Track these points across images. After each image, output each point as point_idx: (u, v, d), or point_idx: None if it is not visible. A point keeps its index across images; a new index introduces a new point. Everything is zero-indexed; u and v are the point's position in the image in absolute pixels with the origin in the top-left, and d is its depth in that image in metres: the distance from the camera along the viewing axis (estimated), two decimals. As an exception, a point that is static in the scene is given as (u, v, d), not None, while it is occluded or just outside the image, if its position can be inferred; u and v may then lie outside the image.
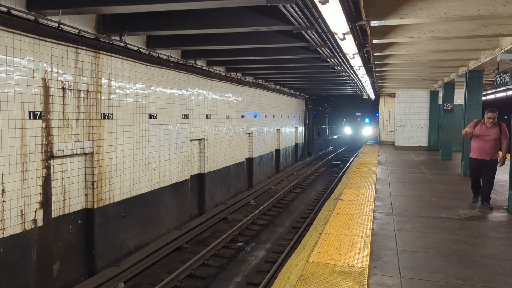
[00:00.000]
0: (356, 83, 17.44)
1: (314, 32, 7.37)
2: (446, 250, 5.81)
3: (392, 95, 25.53)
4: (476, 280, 4.79)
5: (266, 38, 9.11)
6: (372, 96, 24.63)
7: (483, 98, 22.90)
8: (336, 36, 6.43)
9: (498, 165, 8.40)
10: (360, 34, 7.53)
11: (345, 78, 15.93)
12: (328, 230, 6.66)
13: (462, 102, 13.99)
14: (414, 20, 6.96)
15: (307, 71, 15.22)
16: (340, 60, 10.19)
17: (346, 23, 5.68)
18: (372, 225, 7.02)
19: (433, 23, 7.92)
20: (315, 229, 6.77)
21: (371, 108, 38.28)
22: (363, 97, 23.39)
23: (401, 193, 10.02)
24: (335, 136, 48.58)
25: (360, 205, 8.52)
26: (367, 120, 47.09)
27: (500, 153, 8.38)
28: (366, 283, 4.64)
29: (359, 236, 6.38)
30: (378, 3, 6.73)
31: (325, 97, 36.51)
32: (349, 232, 6.56)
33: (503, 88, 15.78)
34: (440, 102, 20.73)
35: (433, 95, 22.02)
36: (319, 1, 4.49)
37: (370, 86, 17.81)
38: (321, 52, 9.50)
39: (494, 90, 21.07)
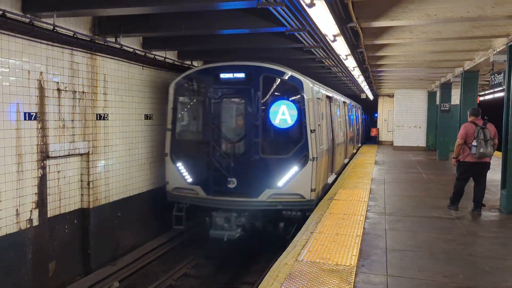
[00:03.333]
0: (354, 84, 17.53)
1: (306, 34, 7.45)
2: (435, 249, 5.89)
3: (391, 96, 25.61)
4: (461, 278, 4.87)
5: (262, 40, 9.21)
6: (371, 97, 24.70)
7: (482, 98, 23.04)
8: (327, 38, 6.51)
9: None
10: (352, 36, 7.61)
11: (342, 79, 16.03)
12: (320, 230, 6.74)
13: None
14: (404, 22, 7.06)
15: (305, 72, 15.29)
16: (335, 61, 10.28)
17: (336, 25, 5.76)
18: (364, 225, 7.09)
19: (425, 24, 8.00)
20: (307, 229, 6.85)
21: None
22: (361, 97, 23.46)
23: (395, 193, 10.10)
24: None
25: (353, 205, 8.59)
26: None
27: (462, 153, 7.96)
28: (353, 281, 4.71)
29: (350, 235, 6.45)
30: (369, 6, 6.82)
31: None
32: (340, 232, 6.63)
33: (500, 88, 15.81)
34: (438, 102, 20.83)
35: (431, 95, 22.09)
36: (306, 4, 4.57)
37: (367, 87, 17.89)
38: (315, 53, 9.57)
39: (492, 91, 21.13)
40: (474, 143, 7.52)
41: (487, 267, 5.20)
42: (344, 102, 15.61)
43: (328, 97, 11.13)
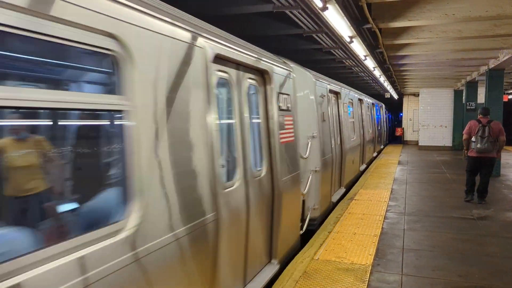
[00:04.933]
0: (377, 83, 17.45)
1: (324, 35, 7.54)
2: (452, 249, 5.89)
3: (416, 95, 25.24)
4: (476, 277, 4.87)
5: (282, 42, 9.32)
6: (395, 96, 24.47)
7: (510, 96, 22.51)
8: (342, 39, 6.60)
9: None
10: (369, 37, 7.65)
11: (364, 78, 16.01)
12: (338, 229, 6.82)
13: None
14: (422, 22, 7.07)
15: (325, 73, 15.34)
16: (354, 61, 10.31)
17: (351, 27, 5.84)
18: (383, 225, 7.12)
19: (445, 24, 7.97)
20: (325, 228, 6.94)
21: None
22: (386, 96, 23.26)
23: (416, 193, 10.04)
24: None
25: (373, 205, 8.61)
26: None
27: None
28: (367, 279, 4.80)
29: (367, 235, 6.51)
30: (386, 7, 6.87)
31: None
32: (358, 231, 6.69)
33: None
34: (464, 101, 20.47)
35: (458, 94, 21.68)
36: (319, 8, 4.68)
37: (390, 86, 17.77)
38: (335, 54, 9.64)
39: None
40: (473, 139, 8.43)
41: (503, 267, 5.18)
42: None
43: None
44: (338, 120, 9.35)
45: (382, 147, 22.47)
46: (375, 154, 17.38)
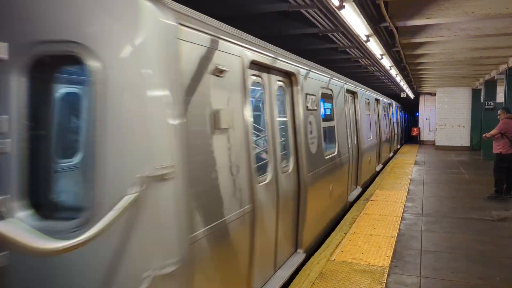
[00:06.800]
0: (393, 82, 17.26)
1: (340, 35, 7.47)
2: (471, 251, 5.77)
3: (433, 94, 24.91)
4: (497, 280, 4.76)
5: (297, 41, 9.26)
6: (411, 95, 24.18)
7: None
8: (359, 38, 6.52)
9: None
10: (386, 35, 7.56)
11: (380, 78, 15.85)
12: (354, 230, 6.74)
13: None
14: (440, 20, 6.95)
15: (341, 72, 15.22)
16: (370, 60, 10.20)
17: (367, 26, 5.77)
18: (400, 226, 7.02)
19: (464, 21, 7.84)
20: (340, 229, 6.86)
21: None
22: (401, 96, 23.00)
23: (434, 193, 9.89)
24: None
25: (390, 206, 8.50)
26: None
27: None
28: (385, 281, 4.72)
29: (384, 236, 6.42)
30: (403, 5, 6.77)
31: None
32: (375, 232, 6.61)
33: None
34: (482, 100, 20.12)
35: (476, 93, 21.31)
36: (336, 7, 4.63)
37: (406, 85, 17.55)
38: (350, 53, 9.55)
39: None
40: None
41: (526, 270, 5.06)
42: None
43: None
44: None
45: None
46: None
